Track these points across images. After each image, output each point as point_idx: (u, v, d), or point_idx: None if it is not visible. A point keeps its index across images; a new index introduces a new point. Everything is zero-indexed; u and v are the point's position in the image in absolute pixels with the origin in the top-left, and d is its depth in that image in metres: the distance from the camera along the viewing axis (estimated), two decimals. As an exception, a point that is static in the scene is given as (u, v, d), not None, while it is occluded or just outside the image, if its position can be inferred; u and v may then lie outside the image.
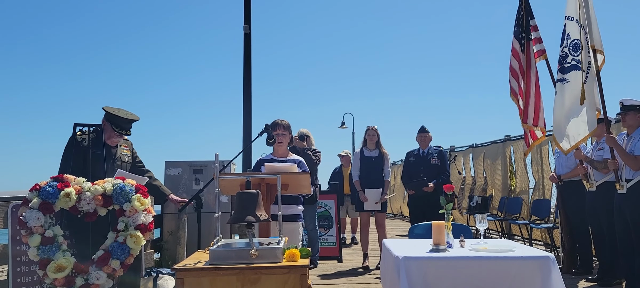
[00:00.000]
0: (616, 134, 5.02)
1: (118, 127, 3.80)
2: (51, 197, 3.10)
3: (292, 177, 3.35)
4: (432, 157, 6.52)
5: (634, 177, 4.48)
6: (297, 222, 3.99)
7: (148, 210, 3.32)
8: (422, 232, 3.98)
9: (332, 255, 7.09)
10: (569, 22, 4.97)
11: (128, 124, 3.86)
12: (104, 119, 3.83)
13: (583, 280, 5.48)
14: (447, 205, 3.33)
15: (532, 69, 5.63)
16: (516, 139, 9.11)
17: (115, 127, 3.79)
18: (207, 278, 2.44)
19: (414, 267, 2.88)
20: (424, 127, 6.67)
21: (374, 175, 6.30)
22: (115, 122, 3.79)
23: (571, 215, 5.87)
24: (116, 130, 3.80)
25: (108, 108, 3.82)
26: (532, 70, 5.62)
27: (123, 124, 3.82)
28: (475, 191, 10.55)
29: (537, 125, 5.65)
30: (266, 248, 2.54)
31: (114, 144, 3.90)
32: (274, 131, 4.04)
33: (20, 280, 3.48)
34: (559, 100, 5.02)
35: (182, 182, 6.68)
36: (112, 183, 3.27)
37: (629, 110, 4.62)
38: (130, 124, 3.89)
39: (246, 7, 8.02)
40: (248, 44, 8.02)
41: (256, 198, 2.65)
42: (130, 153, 4.07)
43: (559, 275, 2.91)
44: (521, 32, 5.71)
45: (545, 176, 7.91)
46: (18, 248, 3.47)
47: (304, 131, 6.48)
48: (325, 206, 7.34)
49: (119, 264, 3.17)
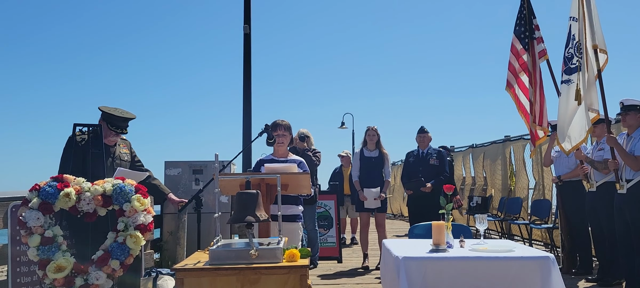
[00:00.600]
0: (616, 134, 5.02)
1: (114, 125, 3.80)
2: (51, 197, 3.10)
3: (292, 178, 3.34)
4: (431, 158, 6.52)
5: (634, 177, 4.48)
6: (297, 222, 3.99)
7: (148, 210, 3.32)
8: (422, 232, 3.98)
9: (332, 256, 7.09)
10: (573, 23, 4.99)
11: (124, 123, 3.86)
12: (101, 118, 3.83)
13: (583, 280, 5.48)
14: (447, 206, 3.33)
15: (537, 68, 5.63)
16: (516, 140, 9.11)
17: (111, 126, 3.79)
18: (207, 279, 2.44)
19: (413, 267, 2.88)
20: (423, 127, 6.67)
21: (374, 175, 6.30)
22: (111, 121, 3.79)
23: (571, 215, 5.87)
24: (112, 129, 3.80)
25: (104, 107, 3.82)
26: (537, 70, 5.63)
27: (119, 122, 3.82)
28: (475, 191, 10.55)
29: (541, 125, 5.65)
30: (266, 249, 2.54)
31: (111, 143, 3.90)
32: (274, 131, 4.03)
33: (20, 280, 3.48)
34: (564, 101, 5.03)
35: (182, 182, 6.68)
36: (111, 183, 3.26)
37: (629, 110, 4.62)
38: (127, 123, 3.88)
39: (246, 8, 8.03)
40: (248, 44, 8.02)
41: (256, 199, 2.65)
42: (129, 152, 4.07)
43: (558, 275, 2.91)
44: (524, 31, 5.70)
45: (546, 176, 7.91)
46: (18, 248, 3.47)
47: (304, 131, 6.48)
48: (325, 206, 7.34)
49: (119, 264, 3.17)
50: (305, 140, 6.38)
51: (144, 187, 3.40)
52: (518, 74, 5.76)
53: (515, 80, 5.77)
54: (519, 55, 5.75)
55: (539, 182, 8.24)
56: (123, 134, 3.93)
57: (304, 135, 6.41)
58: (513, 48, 5.80)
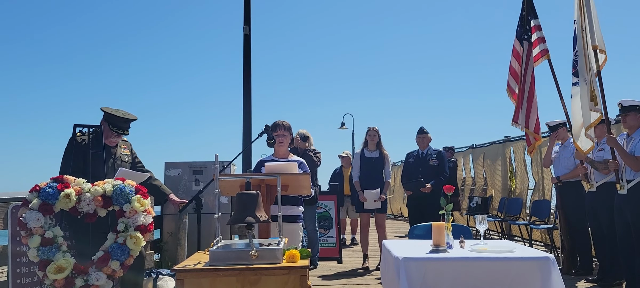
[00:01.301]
0: (617, 134, 5.03)
1: (116, 126, 3.81)
2: (51, 198, 3.10)
3: (292, 178, 3.34)
4: (430, 158, 6.52)
5: (634, 178, 4.48)
6: (297, 223, 3.99)
7: (148, 211, 3.32)
8: (422, 233, 3.97)
9: (332, 256, 7.09)
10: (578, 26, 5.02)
11: (126, 124, 3.87)
12: (103, 119, 3.84)
13: (583, 281, 5.48)
14: (447, 206, 3.33)
15: (529, 72, 5.63)
16: (516, 140, 9.11)
17: (112, 127, 3.80)
18: (207, 279, 2.44)
19: (414, 267, 2.88)
20: (422, 128, 6.67)
21: (375, 176, 6.29)
22: (113, 121, 3.80)
23: (570, 215, 5.87)
24: (113, 129, 3.80)
25: (106, 108, 3.82)
26: (529, 74, 5.63)
27: (121, 123, 3.83)
28: (475, 192, 10.55)
29: (528, 128, 5.66)
30: (266, 249, 2.54)
31: (112, 144, 3.90)
32: (274, 132, 4.03)
33: (20, 281, 3.48)
34: (575, 102, 5.09)
35: (182, 182, 6.67)
36: (111, 184, 3.26)
37: (629, 110, 4.63)
38: (128, 124, 3.89)
39: (246, 8, 8.03)
40: (248, 45, 8.02)
41: (256, 199, 2.65)
42: (129, 153, 4.07)
43: (559, 275, 2.91)
44: (523, 33, 5.71)
45: (545, 177, 7.91)
46: (18, 249, 3.47)
47: (304, 132, 6.48)
48: (325, 207, 7.34)
49: (119, 265, 3.17)
50: (306, 141, 6.38)
51: (144, 187, 3.40)
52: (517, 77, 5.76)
53: (515, 83, 5.77)
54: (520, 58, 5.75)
55: (539, 182, 8.24)
56: (124, 135, 3.93)
57: (305, 136, 6.42)
58: (514, 50, 5.81)
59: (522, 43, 5.70)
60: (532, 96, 5.60)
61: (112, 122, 3.80)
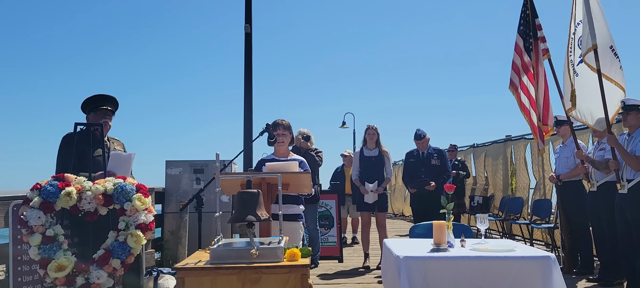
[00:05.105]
0: (617, 134, 5.02)
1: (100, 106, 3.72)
2: (52, 196, 3.10)
3: (293, 177, 3.34)
4: (432, 158, 6.50)
5: (635, 177, 4.47)
6: (298, 222, 3.99)
7: (149, 209, 3.32)
8: (423, 232, 3.97)
9: (332, 255, 7.09)
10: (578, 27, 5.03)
11: (108, 100, 3.78)
12: (87, 113, 3.76)
13: (584, 280, 5.48)
14: (448, 205, 3.33)
15: (541, 68, 5.62)
16: (517, 139, 9.11)
17: (98, 110, 3.72)
18: (208, 278, 2.44)
19: (414, 266, 2.88)
20: (418, 133, 6.51)
21: (374, 174, 6.28)
22: (96, 103, 3.73)
23: (571, 215, 5.86)
24: (103, 108, 3.72)
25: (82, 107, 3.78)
26: (541, 70, 5.62)
27: (102, 101, 3.74)
28: (476, 191, 10.55)
29: (546, 124, 5.64)
30: (267, 248, 2.54)
31: (108, 128, 3.82)
32: (275, 131, 4.03)
33: (20, 279, 3.48)
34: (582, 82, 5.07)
35: (183, 181, 6.68)
36: (112, 182, 3.27)
37: (630, 110, 4.62)
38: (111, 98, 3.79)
39: (247, 7, 8.02)
40: (249, 44, 8.01)
41: (257, 198, 2.65)
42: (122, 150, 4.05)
43: (559, 275, 2.91)
44: (528, 31, 5.70)
45: (546, 176, 7.90)
46: (19, 247, 3.47)
47: (305, 131, 6.47)
48: (326, 206, 7.34)
49: (120, 263, 3.17)
50: (308, 140, 6.38)
51: (144, 186, 3.40)
52: (521, 73, 5.75)
53: (518, 79, 5.76)
54: (523, 54, 5.73)
55: (540, 181, 8.24)
56: (114, 112, 3.85)
57: (306, 135, 6.42)
58: (517, 47, 5.79)
59: (527, 41, 5.69)
60: (546, 92, 5.60)
61: (95, 105, 3.73)
